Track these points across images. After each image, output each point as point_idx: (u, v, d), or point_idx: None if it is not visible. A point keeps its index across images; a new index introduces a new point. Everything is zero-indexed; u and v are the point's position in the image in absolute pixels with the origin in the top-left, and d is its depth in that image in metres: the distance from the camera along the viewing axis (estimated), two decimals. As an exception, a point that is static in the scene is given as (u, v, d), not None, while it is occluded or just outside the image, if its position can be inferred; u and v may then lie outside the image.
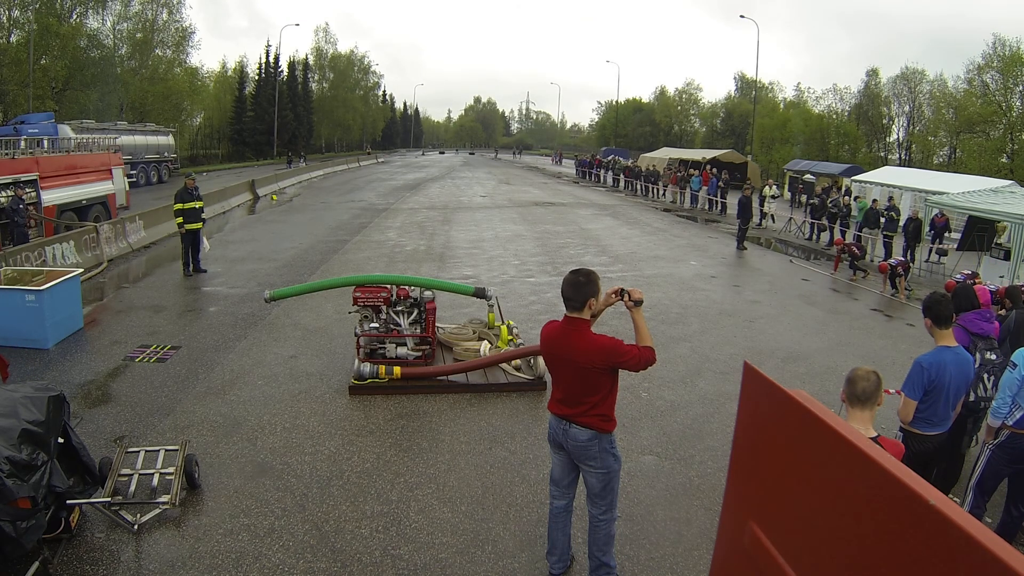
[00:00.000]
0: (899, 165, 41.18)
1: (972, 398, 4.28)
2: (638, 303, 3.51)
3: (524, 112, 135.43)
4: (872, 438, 2.79)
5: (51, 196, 13.70)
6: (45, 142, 15.30)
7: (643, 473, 5.04)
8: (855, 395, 2.88)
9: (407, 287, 7.25)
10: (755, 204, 20.36)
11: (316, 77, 69.60)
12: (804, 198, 27.70)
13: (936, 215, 15.37)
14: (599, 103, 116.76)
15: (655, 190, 30.72)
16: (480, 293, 7.49)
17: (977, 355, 4.24)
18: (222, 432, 5.53)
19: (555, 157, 66.95)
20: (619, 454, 3.58)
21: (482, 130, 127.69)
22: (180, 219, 11.32)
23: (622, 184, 35.03)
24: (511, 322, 7.72)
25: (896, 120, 49.95)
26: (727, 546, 1.78)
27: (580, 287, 3.41)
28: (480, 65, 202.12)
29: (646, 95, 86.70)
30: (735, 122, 64.71)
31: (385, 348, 6.92)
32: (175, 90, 44.13)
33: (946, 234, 15.52)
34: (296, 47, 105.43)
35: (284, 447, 5.30)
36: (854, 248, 14.04)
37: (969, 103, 40.94)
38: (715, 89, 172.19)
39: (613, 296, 3.53)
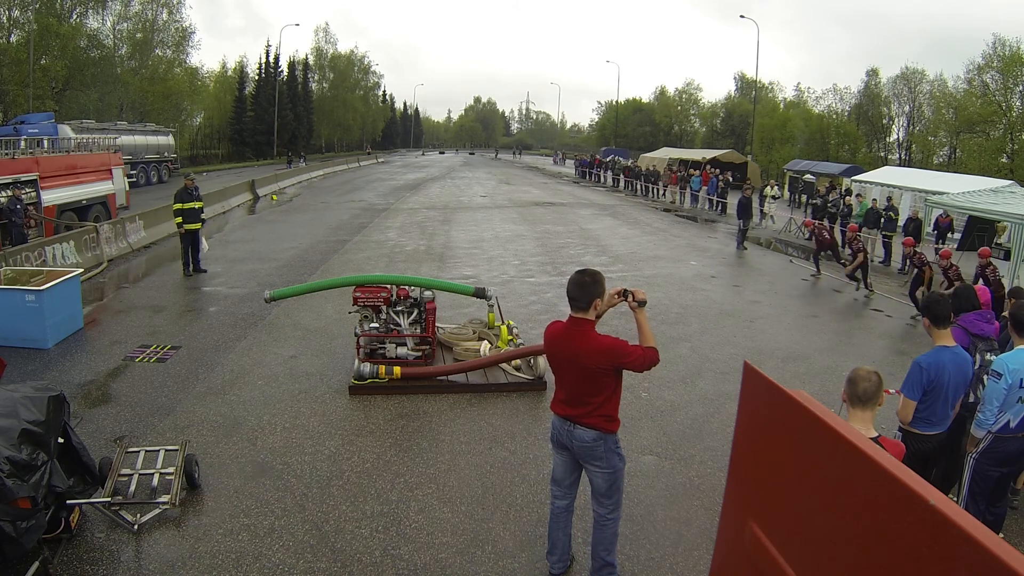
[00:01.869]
0: (899, 165, 41.19)
1: (972, 399, 4.28)
2: (642, 304, 3.51)
3: (524, 112, 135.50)
4: (873, 438, 2.79)
5: (51, 196, 13.71)
6: (45, 142, 15.31)
7: (643, 473, 5.04)
8: (856, 395, 2.88)
9: (407, 287, 7.25)
10: (755, 204, 20.36)
11: (316, 77, 69.58)
12: (804, 198, 27.73)
13: (940, 215, 15.38)
14: (599, 103, 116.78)
15: (655, 190, 30.73)
16: (480, 293, 7.49)
17: (977, 356, 4.24)
18: (222, 432, 5.53)
19: (556, 157, 66.86)
20: (623, 453, 3.59)
21: (482, 130, 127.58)
22: (179, 219, 11.32)
23: (622, 184, 35.03)
24: (511, 322, 7.72)
25: (896, 120, 50.00)
26: (727, 546, 1.78)
27: (586, 287, 3.39)
28: (480, 65, 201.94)
29: (646, 95, 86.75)
30: (735, 122, 64.68)
31: (385, 348, 6.92)
32: (175, 90, 44.12)
33: (949, 234, 15.53)
34: (296, 47, 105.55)
35: (284, 447, 5.30)
36: (824, 233, 13.41)
37: (969, 103, 40.94)
38: (715, 89, 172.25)
39: (616, 297, 3.52)
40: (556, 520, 3.75)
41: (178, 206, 11.38)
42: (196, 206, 11.44)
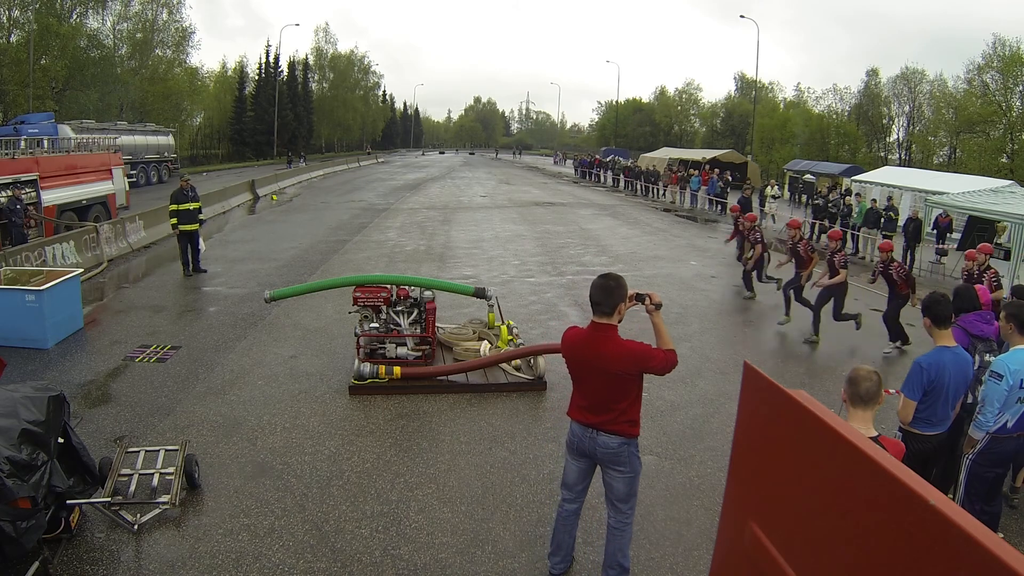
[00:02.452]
0: (899, 165, 41.20)
1: (970, 400, 4.28)
2: (658, 307, 3.50)
3: (524, 112, 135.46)
4: (872, 437, 2.79)
5: (51, 196, 13.71)
6: (45, 142, 15.31)
7: (643, 473, 5.00)
8: (859, 396, 2.85)
9: (407, 287, 7.25)
10: (755, 204, 20.34)
11: (316, 77, 69.58)
12: (804, 198, 27.75)
13: (940, 215, 15.36)
14: (599, 103, 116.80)
15: (655, 190, 30.73)
16: (480, 293, 7.49)
17: (976, 357, 4.24)
18: (222, 432, 5.53)
19: (556, 157, 66.74)
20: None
21: (482, 130, 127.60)
22: (174, 220, 11.34)
23: (622, 184, 35.04)
24: (511, 322, 7.72)
25: (896, 120, 50.04)
26: (727, 546, 1.78)
27: (611, 292, 3.33)
28: (480, 65, 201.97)
29: (646, 95, 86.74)
30: (735, 122, 64.69)
31: (385, 348, 6.92)
32: (175, 90, 44.14)
33: (948, 234, 15.51)
34: (296, 47, 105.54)
35: (284, 447, 5.30)
36: (746, 230, 10.98)
37: (969, 103, 40.98)
38: (715, 89, 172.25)
39: (631, 301, 3.48)
40: (564, 523, 3.72)
41: (173, 207, 11.39)
42: (192, 207, 11.44)
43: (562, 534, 3.74)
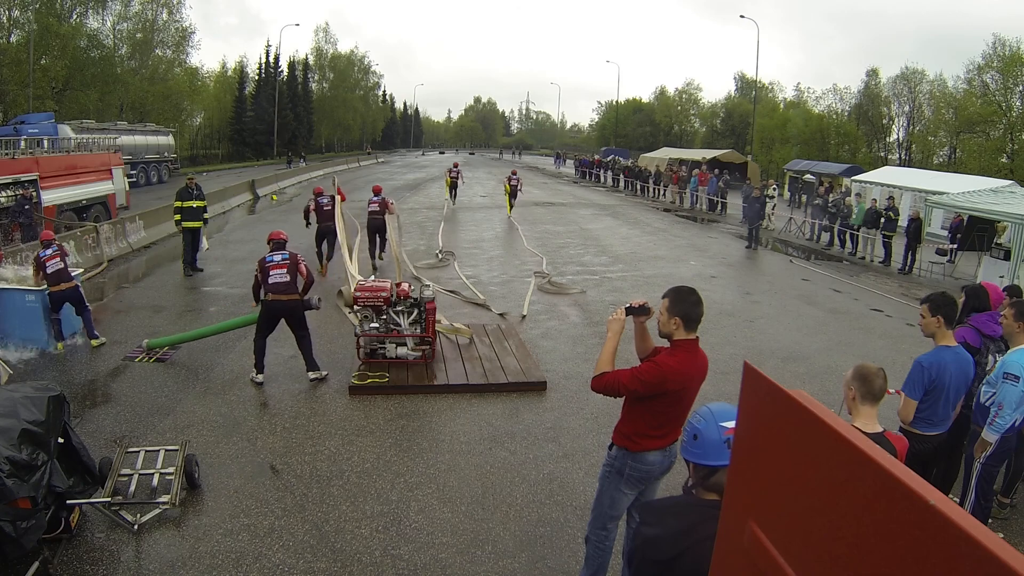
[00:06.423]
0: (899, 165, 41.18)
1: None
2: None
3: (524, 112, 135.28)
4: (878, 433, 2.78)
5: (51, 196, 13.72)
6: (45, 142, 15.32)
7: (643, 473, 5.03)
8: (872, 393, 2.80)
9: (407, 286, 7.26)
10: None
11: (316, 77, 69.51)
12: (804, 198, 27.73)
13: (954, 216, 15.40)
14: (599, 103, 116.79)
15: (655, 190, 30.72)
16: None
17: (990, 357, 4.23)
18: (222, 432, 5.53)
19: (556, 159, 66.38)
20: None
21: (482, 130, 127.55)
22: (178, 216, 11.43)
23: (622, 184, 35.03)
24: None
25: (896, 120, 49.94)
26: (727, 546, 1.78)
27: (702, 303, 3.27)
28: (480, 65, 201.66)
29: (646, 95, 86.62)
30: (735, 122, 64.62)
31: (385, 348, 6.92)
32: (175, 90, 44.09)
33: (958, 236, 15.48)
34: (296, 47, 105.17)
35: (284, 447, 5.30)
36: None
37: (969, 103, 40.95)
38: (715, 89, 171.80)
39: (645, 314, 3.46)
40: (611, 548, 3.53)
41: (178, 204, 11.51)
42: (196, 205, 11.51)
43: (608, 558, 3.56)
